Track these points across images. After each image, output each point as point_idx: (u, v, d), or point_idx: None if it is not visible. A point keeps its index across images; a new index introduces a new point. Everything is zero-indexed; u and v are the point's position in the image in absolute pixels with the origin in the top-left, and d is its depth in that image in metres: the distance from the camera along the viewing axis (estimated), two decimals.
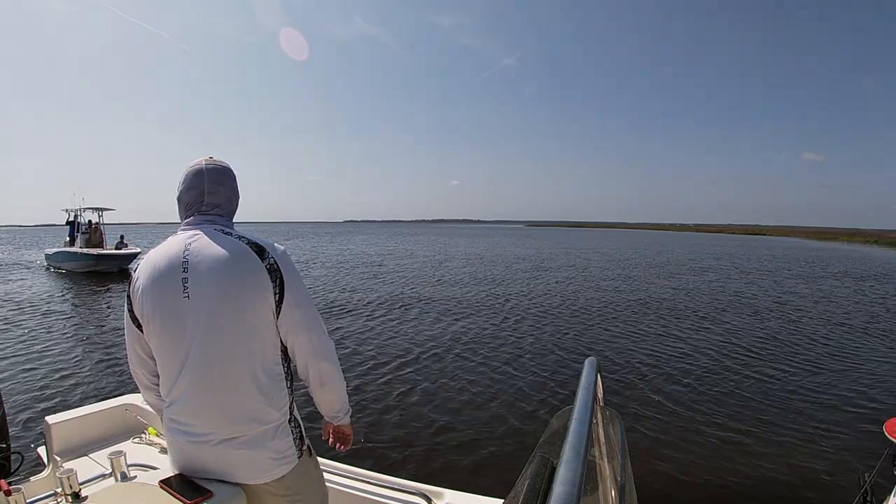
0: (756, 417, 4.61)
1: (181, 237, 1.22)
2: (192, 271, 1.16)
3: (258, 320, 1.17)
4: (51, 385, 5.43)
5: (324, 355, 1.27)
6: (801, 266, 21.65)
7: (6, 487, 1.28)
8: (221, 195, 1.28)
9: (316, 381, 1.29)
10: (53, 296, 12.07)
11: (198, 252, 1.17)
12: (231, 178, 1.31)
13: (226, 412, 1.17)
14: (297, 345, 1.24)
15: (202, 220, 1.25)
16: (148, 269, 1.20)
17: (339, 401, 1.36)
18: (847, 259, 27.28)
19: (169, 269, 1.17)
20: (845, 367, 6.31)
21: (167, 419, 1.24)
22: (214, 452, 1.19)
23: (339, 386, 1.33)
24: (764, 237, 76.64)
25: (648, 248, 34.99)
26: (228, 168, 1.31)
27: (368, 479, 1.76)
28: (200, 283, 1.15)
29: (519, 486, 0.77)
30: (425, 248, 33.20)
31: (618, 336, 7.87)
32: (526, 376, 5.77)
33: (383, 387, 5.34)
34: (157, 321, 1.18)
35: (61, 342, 7.39)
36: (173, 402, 1.21)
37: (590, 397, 0.79)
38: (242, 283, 1.15)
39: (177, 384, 1.19)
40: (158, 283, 1.17)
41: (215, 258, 1.16)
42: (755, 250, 34.55)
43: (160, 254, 1.20)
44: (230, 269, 1.15)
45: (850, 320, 9.40)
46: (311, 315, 1.25)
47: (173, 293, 1.16)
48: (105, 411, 2.18)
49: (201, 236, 1.20)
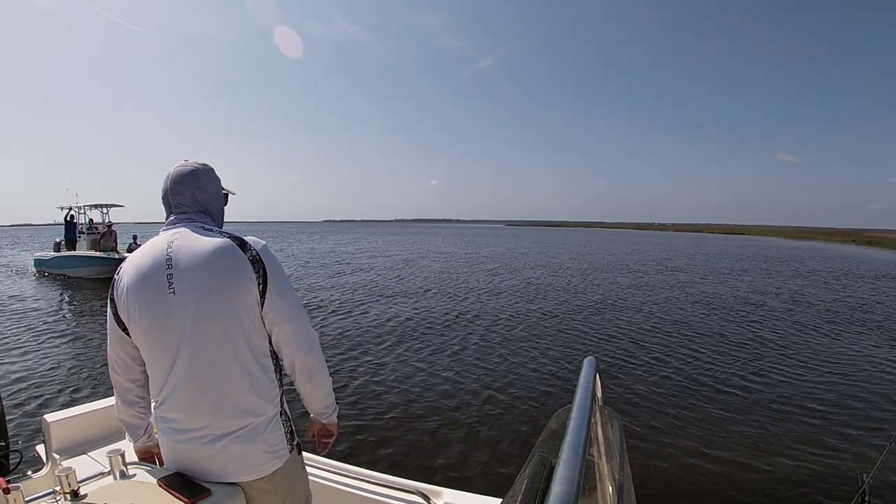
0: (755, 417, 4.62)
1: (163, 236, 1.23)
2: (177, 267, 1.17)
3: (244, 311, 1.18)
4: (49, 383, 5.43)
5: (309, 345, 1.28)
6: (787, 265, 21.69)
7: (5, 485, 1.28)
8: (184, 195, 1.29)
9: (303, 374, 1.29)
10: (50, 298, 12.08)
11: (181, 248, 1.18)
12: (196, 178, 1.31)
13: (218, 406, 1.17)
14: (281, 334, 1.24)
15: (182, 219, 1.27)
16: (132, 271, 1.20)
17: (327, 395, 1.37)
18: (839, 258, 27.32)
19: (153, 267, 1.18)
20: (845, 366, 6.32)
21: (158, 418, 1.24)
22: (207, 449, 1.18)
23: (327, 380, 1.34)
24: (743, 237, 76.50)
25: (634, 247, 35.03)
26: (196, 169, 1.32)
27: (367, 479, 1.76)
28: (185, 278, 1.16)
29: (517, 485, 0.77)
30: (422, 247, 33.23)
31: (618, 335, 7.87)
32: (524, 375, 5.77)
33: (381, 386, 5.34)
34: (145, 320, 1.18)
35: (61, 341, 7.40)
36: (164, 400, 1.21)
37: (588, 397, 0.79)
38: (227, 276, 1.16)
39: (167, 382, 1.19)
40: (143, 283, 1.18)
41: (198, 253, 1.17)
42: (746, 250, 34.55)
43: (143, 254, 1.21)
44: (214, 262, 1.16)
45: (852, 319, 9.41)
46: (295, 305, 1.26)
47: (159, 290, 1.16)
48: (104, 409, 2.18)
49: (183, 233, 1.22)
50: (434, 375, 5.73)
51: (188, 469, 1.22)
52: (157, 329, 1.17)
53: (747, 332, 8.28)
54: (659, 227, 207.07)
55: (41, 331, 8.09)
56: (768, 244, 48.30)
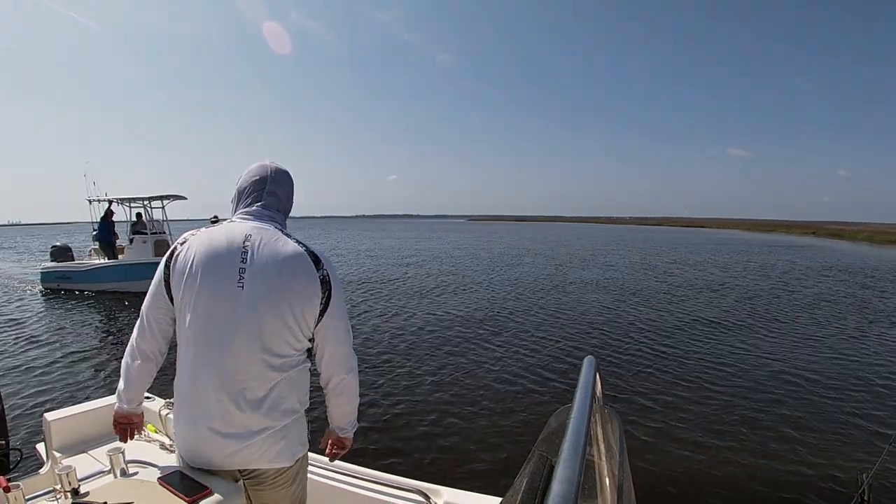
0: (756, 416, 4.61)
1: (241, 226, 1.25)
2: (251, 264, 1.19)
3: (302, 323, 1.23)
4: (49, 381, 5.43)
5: (348, 368, 1.35)
6: (758, 257, 21.65)
7: (5, 484, 1.28)
8: (281, 191, 1.34)
9: (336, 390, 1.36)
10: (49, 299, 12.06)
11: (258, 247, 1.21)
12: (290, 182, 1.38)
13: (257, 403, 1.21)
14: (326, 353, 1.31)
15: (262, 215, 1.29)
16: (204, 250, 1.21)
17: (351, 413, 1.43)
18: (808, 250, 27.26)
19: (228, 256, 1.20)
20: (845, 366, 6.31)
21: (187, 407, 1.23)
22: (234, 444, 1.20)
23: (356, 401, 1.42)
24: (704, 230, 75.83)
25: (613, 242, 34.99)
26: (288, 172, 1.39)
27: (367, 478, 1.76)
28: (257, 277, 1.19)
29: (517, 485, 0.77)
30: (406, 242, 33.19)
31: (618, 334, 7.86)
32: (524, 374, 5.76)
33: (380, 385, 5.34)
34: (203, 302, 1.19)
35: (61, 340, 7.39)
36: (201, 390, 1.20)
37: (588, 396, 0.79)
38: (297, 289, 1.21)
39: (208, 365, 1.19)
40: (215, 267, 1.19)
41: (274, 258, 1.21)
42: (727, 245, 34.31)
43: (219, 237, 1.23)
44: (288, 272, 1.21)
45: (854, 319, 9.40)
46: (346, 328, 1.33)
47: (229, 280, 1.19)
48: (104, 408, 2.18)
49: (262, 231, 1.24)
50: (432, 374, 5.73)
51: (210, 461, 1.23)
52: (215, 316, 1.19)
53: (748, 331, 8.28)
54: (617, 220, 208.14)
55: (41, 330, 8.09)
56: (730, 238, 46.77)
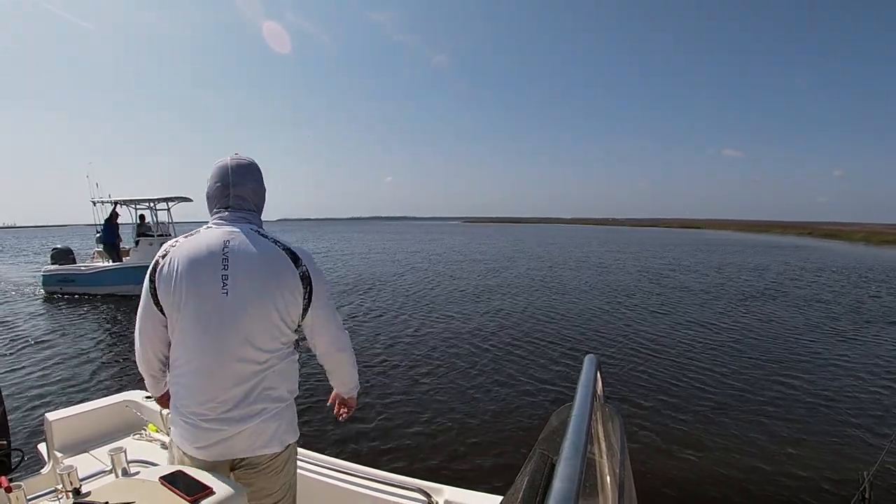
0: (756, 416, 4.61)
1: (218, 232, 1.26)
2: (233, 269, 1.22)
3: (287, 319, 1.27)
4: (51, 382, 5.44)
5: (339, 348, 1.42)
6: (760, 258, 21.64)
7: (7, 484, 1.28)
8: (246, 188, 1.33)
9: (332, 366, 1.46)
10: (51, 302, 12.07)
11: (237, 251, 1.23)
12: (254, 173, 1.36)
13: (246, 395, 1.24)
14: (318, 340, 1.37)
15: (237, 217, 1.30)
16: (186, 259, 1.23)
17: (351, 381, 1.51)
18: (804, 250, 27.25)
19: (209, 262, 1.22)
20: (845, 366, 6.31)
21: (183, 405, 1.26)
22: (229, 430, 1.23)
23: (353, 370, 1.50)
24: (700, 230, 75.52)
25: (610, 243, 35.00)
26: (252, 163, 1.37)
27: (368, 476, 1.76)
28: (239, 282, 1.22)
29: (518, 483, 0.77)
30: (402, 244, 33.21)
31: (618, 333, 7.86)
32: (525, 373, 5.77)
33: (380, 385, 5.35)
34: (191, 310, 1.22)
35: (62, 339, 7.41)
36: (194, 388, 1.24)
37: (589, 394, 0.79)
38: (279, 288, 1.24)
39: (199, 371, 1.23)
40: (198, 275, 1.21)
41: (254, 261, 1.24)
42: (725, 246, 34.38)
43: (198, 245, 1.24)
44: (268, 273, 1.24)
45: (855, 319, 9.39)
46: (332, 316, 1.37)
47: (213, 288, 1.21)
48: (105, 408, 2.19)
49: (239, 235, 1.26)
50: (433, 374, 5.74)
51: (207, 450, 1.25)
52: (202, 322, 1.22)
53: (748, 332, 8.27)
54: (614, 221, 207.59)
55: (41, 329, 8.10)
56: (730, 239, 46.35)
